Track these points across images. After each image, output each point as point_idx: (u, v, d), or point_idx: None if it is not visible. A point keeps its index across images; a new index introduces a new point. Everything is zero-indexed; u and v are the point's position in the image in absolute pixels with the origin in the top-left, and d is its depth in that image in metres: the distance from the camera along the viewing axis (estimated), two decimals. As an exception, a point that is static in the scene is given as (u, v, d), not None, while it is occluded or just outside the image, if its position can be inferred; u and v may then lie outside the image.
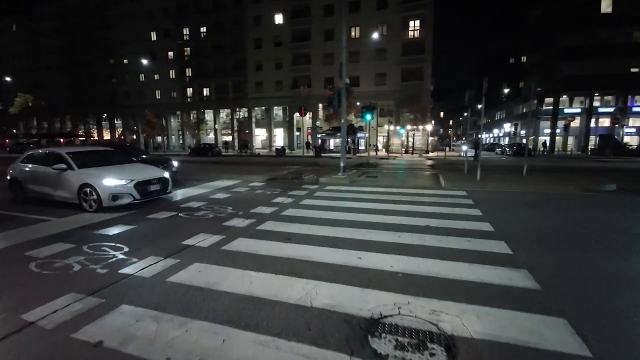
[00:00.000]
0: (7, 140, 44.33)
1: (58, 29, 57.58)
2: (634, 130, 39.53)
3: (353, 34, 41.90)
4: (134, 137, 53.17)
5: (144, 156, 10.13)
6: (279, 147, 29.66)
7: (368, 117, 15.90)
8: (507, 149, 36.05)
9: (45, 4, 58.56)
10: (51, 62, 59.48)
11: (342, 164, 11.00)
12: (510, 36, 60.52)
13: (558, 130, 41.03)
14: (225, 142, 42.92)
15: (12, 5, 61.91)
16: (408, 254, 4.07)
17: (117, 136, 56.58)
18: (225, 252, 4.21)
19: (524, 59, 73.38)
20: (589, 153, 34.35)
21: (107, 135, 58.38)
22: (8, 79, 44.83)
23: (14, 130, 50.10)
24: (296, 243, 4.58)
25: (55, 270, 3.60)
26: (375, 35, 32.93)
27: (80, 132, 54.76)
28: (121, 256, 4.03)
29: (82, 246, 4.38)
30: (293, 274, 3.48)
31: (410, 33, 39.73)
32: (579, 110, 40.22)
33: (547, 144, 38.28)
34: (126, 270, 3.59)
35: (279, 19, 44.86)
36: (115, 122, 57.90)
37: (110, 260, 3.88)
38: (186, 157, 28.28)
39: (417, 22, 39.32)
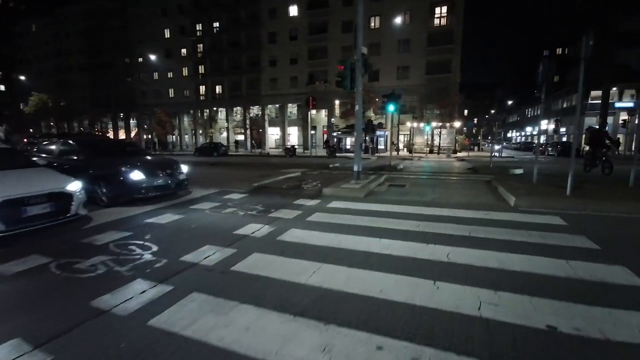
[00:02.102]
0: (24, 140, 44.27)
1: (79, 30, 57.78)
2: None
3: (373, 24, 38.70)
4: (149, 136, 52.18)
5: (147, 157, 7.53)
6: (289, 147, 26.87)
7: (391, 107, 12.77)
8: (550, 149, 31.53)
9: (65, 5, 58.89)
10: (72, 63, 59.89)
11: (356, 168, 7.97)
12: (548, 27, 55.01)
13: (607, 128, 35.99)
14: (236, 141, 40.70)
15: (33, 8, 62.55)
16: None
17: (132, 136, 56.15)
18: None
19: (559, 51, 67.19)
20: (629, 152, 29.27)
21: (122, 135, 58.03)
22: (22, 77, 44.67)
23: (30, 130, 50.26)
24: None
25: None
26: (398, 20, 29.52)
27: (97, 132, 54.60)
28: None
29: None
30: None
31: (437, 21, 35.97)
32: (631, 105, 34.92)
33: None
34: None
35: (294, 10, 42.26)
36: (131, 121, 57.51)
37: None
38: (191, 158, 26.09)
39: (445, 9, 35.46)
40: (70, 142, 7.05)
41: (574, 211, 5.46)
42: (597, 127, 18.22)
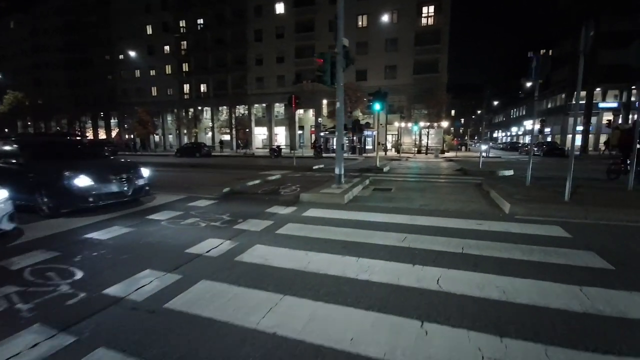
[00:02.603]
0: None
1: (58, 26, 55.43)
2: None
3: (360, 23, 38.24)
4: (132, 136, 50.43)
5: (101, 160, 6.67)
6: (274, 147, 26.10)
7: (377, 106, 12.16)
8: (536, 149, 31.63)
9: (44, 1, 56.34)
10: (51, 60, 57.39)
11: (338, 171, 7.30)
12: (532, 29, 55.79)
13: (591, 128, 36.49)
14: (221, 141, 39.60)
15: (11, 4, 59.63)
16: None
17: (113, 135, 54.23)
18: None
19: (542, 52, 68.11)
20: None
21: (102, 135, 56.00)
22: (-1, 76, 42.41)
23: (6, 130, 47.85)
24: None
25: None
26: (385, 18, 29.12)
27: (76, 132, 52.44)
28: None
29: None
30: None
31: (424, 20, 35.77)
32: (615, 105, 35.52)
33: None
34: None
35: (280, 8, 41.44)
36: (112, 120, 55.59)
37: None
38: (171, 159, 25.03)
39: (432, 8, 35.28)
40: (11, 141, 6.14)
41: (575, 219, 4.92)
42: (629, 125, 15.71)
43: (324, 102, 39.40)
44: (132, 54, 37.46)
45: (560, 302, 2.55)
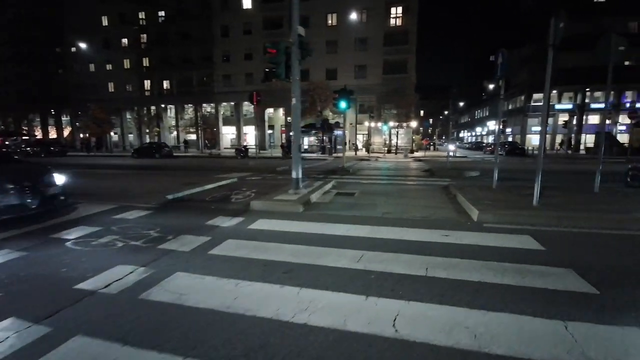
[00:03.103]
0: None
1: (5, 18, 50.04)
2: (624, 127, 37.45)
3: (330, 21, 37.78)
4: (86, 135, 46.68)
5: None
6: (241, 147, 24.93)
7: (343, 104, 11.57)
8: (499, 149, 32.74)
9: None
10: (-2, 55, 51.81)
11: (295, 175, 6.57)
12: (499, 30, 58.28)
13: (549, 128, 38.53)
14: (185, 141, 37.57)
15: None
16: None
17: (65, 135, 50.01)
18: None
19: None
20: (584, 152, 31.55)
21: (53, 134, 51.48)
22: None
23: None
24: None
25: None
26: (354, 16, 28.84)
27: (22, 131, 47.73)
28: None
29: None
30: None
31: (393, 21, 35.97)
32: (570, 107, 37.72)
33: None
34: None
35: (248, 3, 40.01)
36: (65, 118, 51.28)
37: None
38: (127, 160, 23.13)
39: (400, 9, 35.54)
40: None
41: (547, 227, 4.54)
42: None
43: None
44: (82, 45, 34.46)
45: (545, 350, 1.98)
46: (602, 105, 36.76)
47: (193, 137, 43.30)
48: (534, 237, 4.11)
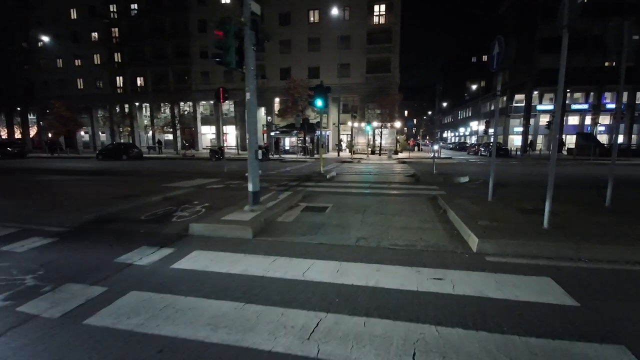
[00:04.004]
0: None
1: None
2: (603, 128, 37.95)
3: (312, 18, 36.58)
4: (50, 135, 43.74)
5: None
6: (215, 149, 23.37)
7: (319, 103, 10.37)
8: (482, 149, 32.46)
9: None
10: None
11: (251, 188, 5.32)
12: (481, 32, 58.62)
13: (530, 129, 38.62)
14: (159, 142, 35.49)
15: None
16: None
17: (32, 135, 46.73)
18: None
19: (484, 58, 72.64)
20: (565, 153, 31.57)
21: (18, 134, 48.03)
22: None
23: None
24: None
25: None
26: (337, 13, 27.76)
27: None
28: None
29: None
30: None
31: (376, 19, 35.11)
32: (552, 107, 37.86)
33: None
34: None
35: (226, -3, 38.31)
36: (30, 117, 47.95)
37: None
38: (89, 163, 21.24)
39: (384, 7, 34.72)
40: None
41: (566, 261, 3.48)
42: None
43: (277, 100, 37.19)
44: (44, 38, 31.97)
45: None
46: (582, 106, 37.22)
47: (170, 137, 41.24)
48: (556, 280, 3.02)
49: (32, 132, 47.64)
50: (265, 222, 4.83)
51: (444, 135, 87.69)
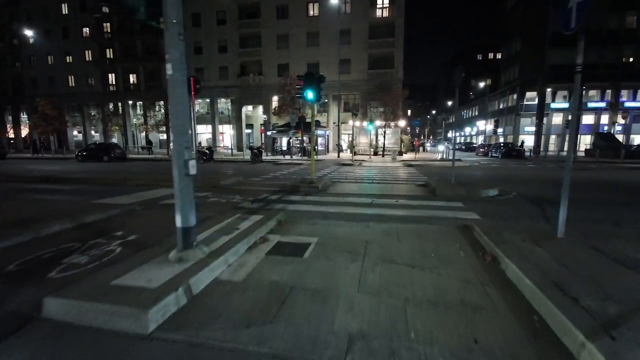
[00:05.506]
0: None
1: None
2: (620, 128, 35.53)
3: (311, 11, 34.51)
4: (34, 133, 41.86)
5: None
6: (204, 149, 21.36)
7: (310, 94, 8.30)
8: (493, 150, 30.15)
9: None
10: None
11: (180, 222, 3.28)
12: (486, 29, 56.09)
13: (543, 128, 36.28)
14: (149, 142, 33.58)
15: None
16: None
17: (24, 134, 45.06)
18: None
19: (491, 55, 70.15)
20: (584, 154, 29.18)
21: (11, 132, 46.40)
22: None
23: None
24: None
25: None
26: (337, 5, 25.64)
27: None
28: None
29: None
30: None
31: (379, 12, 32.96)
32: (566, 106, 35.53)
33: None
34: None
35: (221, -11, 36.29)
36: (22, 115, 46.27)
37: None
38: (68, 165, 19.32)
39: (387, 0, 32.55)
40: None
41: None
42: None
43: (275, 98, 35.10)
44: (29, 33, 30.10)
45: None
46: (599, 104, 34.80)
47: (164, 136, 39.33)
48: None
49: (25, 131, 45.95)
50: (190, 288, 2.76)
51: (449, 135, 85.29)
